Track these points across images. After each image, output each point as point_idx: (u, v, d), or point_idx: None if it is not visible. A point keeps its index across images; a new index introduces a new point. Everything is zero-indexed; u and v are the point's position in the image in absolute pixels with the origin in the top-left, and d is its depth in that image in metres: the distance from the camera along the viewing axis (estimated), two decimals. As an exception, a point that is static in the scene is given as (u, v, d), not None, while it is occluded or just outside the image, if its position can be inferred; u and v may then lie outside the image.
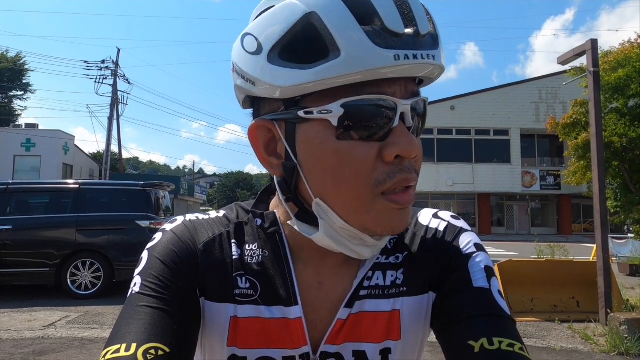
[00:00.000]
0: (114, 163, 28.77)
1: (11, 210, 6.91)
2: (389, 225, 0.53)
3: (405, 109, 0.51)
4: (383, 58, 0.46)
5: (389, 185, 0.50)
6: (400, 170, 0.51)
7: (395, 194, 0.51)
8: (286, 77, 0.49)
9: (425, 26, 0.50)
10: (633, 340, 4.46)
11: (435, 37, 0.51)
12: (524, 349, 0.52)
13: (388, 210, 0.52)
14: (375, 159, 0.50)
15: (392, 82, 0.50)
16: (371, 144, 0.50)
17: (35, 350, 4.30)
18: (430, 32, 0.50)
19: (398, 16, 0.48)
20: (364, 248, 0.56)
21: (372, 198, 0.51)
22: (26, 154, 25.37)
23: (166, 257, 0.59)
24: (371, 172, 0.50)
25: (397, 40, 0.47)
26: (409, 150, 0.50)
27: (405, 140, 0.50)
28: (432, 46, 0.50)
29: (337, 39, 0.46)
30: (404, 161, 0.51)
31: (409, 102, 0.51)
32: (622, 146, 10.35)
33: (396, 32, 0.47)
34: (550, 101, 24.07)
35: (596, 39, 5.72)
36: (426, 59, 0.48)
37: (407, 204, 0.52)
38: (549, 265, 6.26)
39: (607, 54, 10.70)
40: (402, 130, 0.50)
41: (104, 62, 24.15)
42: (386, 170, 0.50)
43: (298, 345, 0.58)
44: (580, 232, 25.93)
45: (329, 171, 0.51)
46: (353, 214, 0.52)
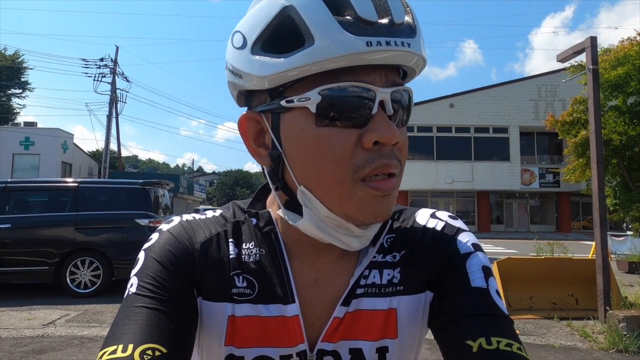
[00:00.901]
0: (113, 161, 28.74)
1: (10, 208, 6.90)
2: (370, 213, 0.53)
3: (385, 97, 0.52)
4: (355, 45, 0.48)
5: (368, 170, 0.51)
6: (379, 156, 0.51)
7: (376, 181, 0.52)
8: (267, 67, 0.52)
9: (400, 16, 0.51)
10: (632, 338, 4.47)
11: (413, 27, 0.52)
12: (522, 348, 0.53)
13: (369, 197, 0.52)
14: (354, 145, 0.51)
15: (372, 71, 0.51)
16: (351, 131, 0.51)
17: (34, 348, 4.31)
18: (407, 22, 0.52)
19: (371, 6, 0.50)
20: (352, 238, 0.56)
21: (353, 184, 0.52)
22: (25, 153, 25.35)
23: (163, 257, 0.59)
24: (351, 157, 0.51)
25: (371, 28, 0.49)
26: (387, 136, 0.50)
27: (384, 126, 0.51)
28: (408, 35, 0.51)
29: (312, 29, 0.49)
30: (383, 147, 0.52)
31: (388, 91, 0.52)
32: (622, 144, 10.35)
33: (369, 21, 0.49)
34: (549, 99, 24.07)
35: (595, 36, 5.72)
36: (400, 46, 0.49)
37: (388, 190, 0.53)
38: (548, 262, 6.27)
39: (607, 51, 10.70)
40: (382, 117, 0.51)
41: (102, 60, 24.12)
42: (365, 156, 0.51)
43: (295, 343, 0.58)
44: (579, 229, 25.98)
45: (310, 157, 0.53)
46: (335, 201, 0.53)
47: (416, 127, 24.28)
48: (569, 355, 4.39)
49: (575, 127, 11.57)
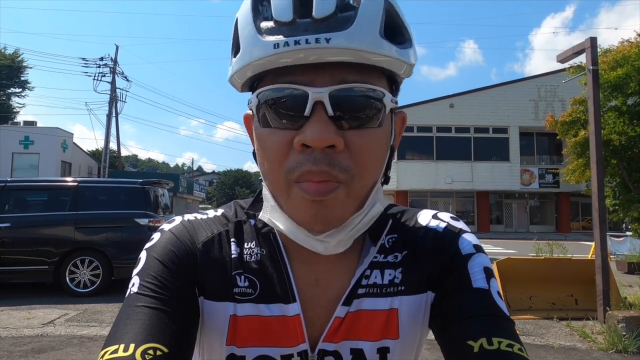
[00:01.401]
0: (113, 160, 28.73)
1: (9, 208, 6.90)
2: (303, 217, 0.52)
3: (320, 97, 0.49)
4: (264, 48, 0.49)
5: (296, 174, 0.50)
6: (307, 160, 0.49)
7: (306, 182, 0.50)
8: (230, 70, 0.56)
9: (324, 9, 0.48)
10: (631, 338, 4.48)
11: (346, 18, 0.49)
12: (522, 349, 0.53)
13: (301, 200, 0.51)
14: (289, 147, 0.51)
15: (314, 70, 0.50)
16: (285, 132, 0.51)
17: (34, 347, 4.30)
18: (336, 14, 0.48)
19: (289, 6, 0.49)
20: (316, 242, 0.54)
21: (287, 185, 0.52)
22: (24, 152, 25.31)
23: (165, 257, 0.59)
24: (284, 159, 0.51)
25: (286, 28, 0.49)
26: (314, 139, 0.48)
27: (312, 129, 0.48)
28: (333, 28, 0.48)
29: (240, 36, 0.52)
30: (314, 151, 0.49)
31: (324, 91, 0.49)
32: (621, 144, 10.34)
33: (283, 21, 0.49)
34: (549, 99, 24.07)
35: (595, 37, 5.72)
36: (313, 43, 0.47)
37: (317, 195, 0.49)
38: (548, 263, 6.27)
39: (606, 52, 10.69)
40: (316, 119, 0.49)
41: (102, 59, 24.12)
42: (296, 159, 0.50)
43: (296, 342, 0.58)
44: (579, 230, 25.99)
45: (259, 156, 0.55)
46: (281, 201, 0.55)
47: (416, 127, 24.27)
48: (568, 355, 4.39)
49: (575, 127, 11.56)
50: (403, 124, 0.64)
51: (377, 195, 0.57)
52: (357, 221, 0.55)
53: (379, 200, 0.58)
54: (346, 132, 0.50)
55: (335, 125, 0.50)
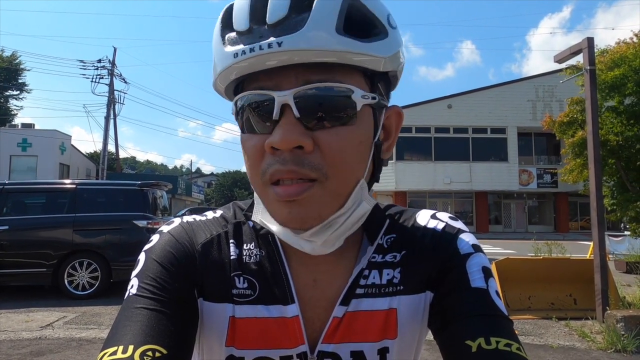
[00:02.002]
0: (111, 163, 28.70)
1: (7, 210, 6.87)
2: (279, 217, 0.54)
3: (285, 100, 0.50)
4: (227, 58, 0.51)
5: (268, 176, 0.52)
6: (276, 161, 0.51)
7: (280, 185, 0.51)
8: None
9: (276, 14, 0.49)
10: (630, 337, 4.48)
11: (300, 20, 0.49)
12: (521, 348, 0.53)
13: (275, 201, 0.53)
14: (263, 150, 0.52)
15: (278, 74, 0.51)
16: (261, 136, 0.52)
17: (32, 350, 4.29)
18: (289, 17, 0.49)
19: (246, 14, 0.51)
20: (303, 242, 0.55)
21: (264, 187, 0.54)
22: (22, 154, 25.26)
23: (163, 258, 0.59)
24: (259, 162, 0.53)
25: (244, 37, 0.51)
26: (278, 141, 0.49)
27: (279, 132, 0.50)
28: (286, 32, 0.48)
29: (213, 49, 0.55)
30: (283, 153, 0.50)
31: (288, 93, 0.50)
32: (618, 144, 10.38)
33: (241, 31, 0.51)
34: (547, 99, 24.12)
35: (592, 37, 5.74)
36: (265, 48, 0.48)
37: (287, 196, 0.51)
38: (546, 263, 6.28)
39: (604, 52, 10.73)
40: (284, 122, 0.50)
41: (100, 61, 24.07)
42: (268, 162, 0.52)
43: (295, 344, 0.58)
44: (577, 229, 26.03)
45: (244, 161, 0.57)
46: (263, 203, 0.56)
47: (414, 127, 24.30)
48: (567, 355, 4.40)
49: (573, 127, 11.60)
50: (399, 119, 0.62)
51: (362, 193, 0.56)
52: (342, 221, 0.55)
53: (365, 199, 0.57)
54: (316, 132, 0.51)
55: (303, 126, 0.50)
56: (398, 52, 0.55)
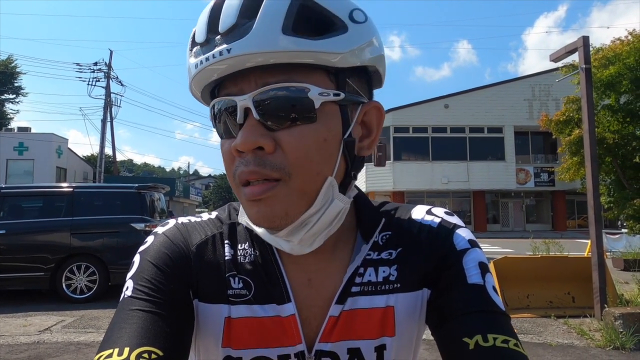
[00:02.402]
0: (108, 165, 28.62)
1: (4, 214, 6.85)
2: (250, 217, 0.56)
3: (245, 104, 0.51)
4: (191, 70, 0.55)
5: (237, 177, 0.54)
6: (241, 163, 0.53)
7: (247, 186, 0.54)
8: None
9: (226, 22, 0.51)
10: (628, 335, 4.50)
11: (247, 25, 0.50)
12: (518, 344, 0.53)
13: (245, 201, 0.55)
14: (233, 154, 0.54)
15: (240, 80, 0.53)
16: (230, 141, 0.54)
17: (30, 355, 4.27)
18: (238, 24, 0.50)
19: (204, 25, 0.53)
20: (282, 241, 0.57)
21: (237, 188, 0.55)
22: (19, 158, 25.18)
23: (158, 260, 0.59)
24: (232, 165, 0.55)
25: (203, 48, 0.53)
26: (239, 144, 0.51)
27: (240, 134, 0.52)
28: (235, 39, 0.50)
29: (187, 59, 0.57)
30: (245, 155, 0.52)
31: (247, 97, 0.51)
32: (615, 142, 10.43)
33: (200, 42, 0.53)
34: (543, 98, 24.21)
35: (587, 36, 5.76)
36: (217, 56, 0.50)
37: (252, 196, 0.53)
38: (544, 261, 6.29)
39: (599, 50, 10.77)
40: (246, 125, 0.52)
41: (96, 64, 24.04)
42: (235, 164, 0.54)
43: (293, 343, 0.58)
44: (575, 228, 26.11)
45: None
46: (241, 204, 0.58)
47: (411, 128, 24.35)
48: (566, 353, 4.40)
49: (569, 126, 11.65)
50: (378, 113, 0.60)
51: (333, 192, 0.56)
52: (314, 220, 0.55)
53: (336, 197, 0.56)
54: (277, 133, 0.52)
55: (264, 127, 0.52)
56: (362, 45, 0.54)
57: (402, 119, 24.22)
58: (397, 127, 24.14)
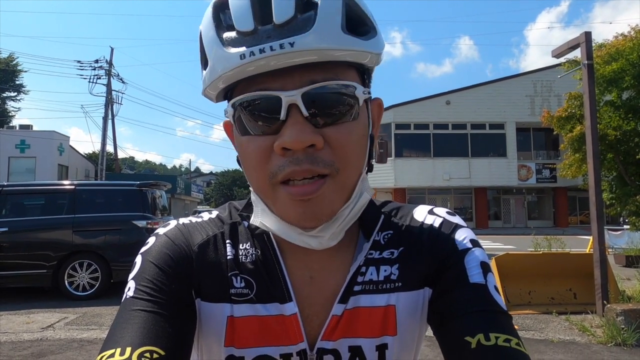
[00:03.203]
0: (110, 163, 28.68)
1: (6, 212, 6.87)
2: (292, 216, 0.53)
3: (294, 100, 0.50)
4: (231, 60, 0.50)
5: (280, 177, 0.51)
6: (290, 162, 0.50)
7: (292, 185, 0.51)
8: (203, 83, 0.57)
9: (284, 13, 0.49)
10: (630, 331, 4.50)
11: (307, 20, 0.49)
12: (520, 343, 0.53)
13: (289, 201, 0.52)
14: (270, 152, 0.52)
15: (281, 75, 0.50)
16: (264, 138, 0.52)
17: (33, 352, 4.29)
18: (297, 17, 0.49)
19: (249, 14, 0.50)
20: (309, 238, 0.56)
21: (273, 188, 0.53)
22: (21, 156, 25.22)
23: (160, 260, 0.59)
24: (266, 164, 0.52)
25: (250, 38, 0.50)
26: (292, 142, 0.49)
27: (290, 132, 0.50)
28: (295, 32, 0.48)
29: (206, 51, 0.54)
30: (295, 153, 0.50)
31: (296, 93, 0.50)
32: (617, 138, 10.39)
33: (245, 31, 0.50)
34: (545, 94, 24.13)
35: (590, 31, 5.72)
36: (277, 49, 0.48)
37: (302, 195, 0.51)
38: (546, 257, 6.29)
39: (601, 46, 10.71)
40: (292, 122, 0.50)
41: (97, 61, 24.01)
42: (278, 163, 0.51)
43: (295, 341, 0.59)
44: (577, 224, 26.08)
45: (243, 165, 0.57)
46: (269, 204, 0.56)
47: (413, 124, 24.31)
48: (568, 349, 4.41)
49: (571, 122, 11.60)
50: (380, 110, 0.64)
51: (364, 185, 0.58)
52: (347, 212, 0.56)
53: (365, 190, 0.59)
54: (324, 130, 0.51)
55: (311, 124, 0.51)
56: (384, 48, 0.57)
57: (404, 115, 24.18)
58: (398, 123, 24.10)
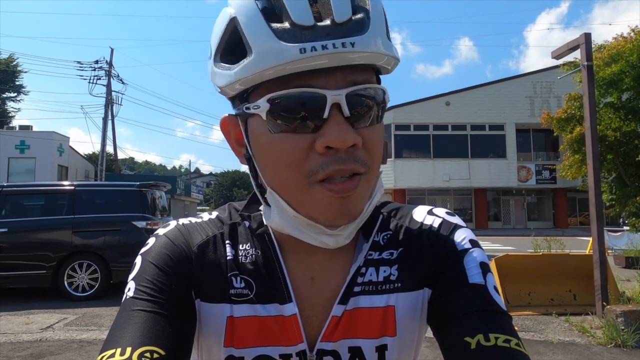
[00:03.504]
0: (110, 164, 28.68)
1: (6, 212, 6.86)
2: (330, 214, 0.53)
3: (338, 99, 0.50)
4: (288, 53, 0.48)
5: (321, 175, 0.51)
6: (333, 160, 0.50)
7: (332, 183, 0.51)
8: (221, 78, 0.54)
9: (343, 13, 0.49)
10: (629, 332, 4.50)
11: (364, 22, 0.50)
12: (520, 344, 0.53)
13: (327, 199, 0.52)
14: (308, 150, 0.51)
15: (324, 73, 0.50)
16: (303, 136, 0.51)
17: (33, 353, 4.29)
18: (354, 18, 0.50)
19: (307, 9, 0.49)
20: (327, 237, 0.55)
21: (309, 187, 0.52)
22: (20, 156, 25.21)
23: (160, 261, 0.59)
24: (304, 162, 0.51)
25: (308, 33, 0.48)
26: (338, 141, 0.49)
27: (335, 131, 0.49)
28: (354, 32, 0.49)
29: (249, 40, 0.50)
30: (338, 152, 0.50)
31: (341, 92, 0.50)
32: (617, 140, 10.40)
33: (305, 26, 0.48)
34: (545, 95, 24.15)
35: (589, 32, 5.73)
36: (340, 47, 0.47)
37: (344, 192, 0.51)
38: (546, 259, 6.29)
39: (601, 48, 10.72)
40: (335, 120, 0.50)
41: (97, 62, 24.01)
42: (320, 161, 0.51)
43: (294, 342, 0.59)
44: (576, 225, 26.09)
45: (269, 162, 0.54)
46: (297, 203, 0.54)
47: (413, 125, 24.32)
48: (568, 350, 4.41)
49: (571, 123, 11.60)
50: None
51: (379, 183, 0.60)
52: (366, 210, 0.57)
53: (379, 189, 0.60)
54: (360, 130, 0.52)
55: (350, 124, 0.51)
56: None
57: (404, 116, 24.19)
58: (398, 124, 24.11)
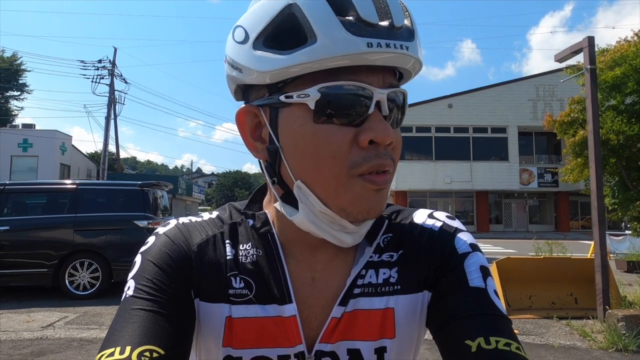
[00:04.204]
0: (112, 163, 28.74)
1: (8, 211, 6.88)
2: (364, 207, 0.54)
3: (382, 98, 0.53)
4: (356, 45, 0.49)
5: (364, 168, 0.52)
6: (375, 155, 0.53)
7: (372, 175, 0.53)
8: (268, 63, 0.52)
9: (400, 19, 0.52)
10: (631, 337, 4.48)
11: (412, 31, 0.54)
12: (520, 348, 0.53)
13: (365, 191, 0.53)
14: (351, 143, 0.52)
15: (370, 72, 0.53)
16: (347, 128, 0.52)
17: (33, 351, 4.29)
18: (406, 25, 0.53)
19: (373, 8, 0.51)
20: (345, 234, 0.57)
21: (349, 179, 0.53)
22: (23, 154, 25.30)
23: (160, 260, 0.59)
24: (347, 154, 0.52)
25: (372, 30, 0.50)
26: (383, 136, 0.52)
27: (380, 127, 0.52)
28: (407, 38, 0.52)
29: (315, 27, 0.50)
30: (379, 147, 0.53)
31: (385, 92, 0.53)
32: (619, 143, 10.36)
33: (370, 23, 0.50)
34: (547, 99, 24.11)
35: (593, 36, 5.73)
36: (399, 48, 0.51)
37: (383, 184, 0.54)
38: (547, 262, 6.28)
39: (604, 51, 10.70)
40: (378, 117, 0.53)
41: (100, 61, 24.07)
42: (362, 154, 0.52)
43: (293, 343, 0.58)
44: (578, 229, 26.02)
45: (308, 153, 0.53)
46: (331, 195, 0.54)
47: (415, 127, 24.30)
48: (568, 354, 4.39)
49: (573, 127, 11.58)
50: None
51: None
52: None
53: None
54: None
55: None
56: None
57: (406, 118, 23.46)
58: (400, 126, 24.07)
